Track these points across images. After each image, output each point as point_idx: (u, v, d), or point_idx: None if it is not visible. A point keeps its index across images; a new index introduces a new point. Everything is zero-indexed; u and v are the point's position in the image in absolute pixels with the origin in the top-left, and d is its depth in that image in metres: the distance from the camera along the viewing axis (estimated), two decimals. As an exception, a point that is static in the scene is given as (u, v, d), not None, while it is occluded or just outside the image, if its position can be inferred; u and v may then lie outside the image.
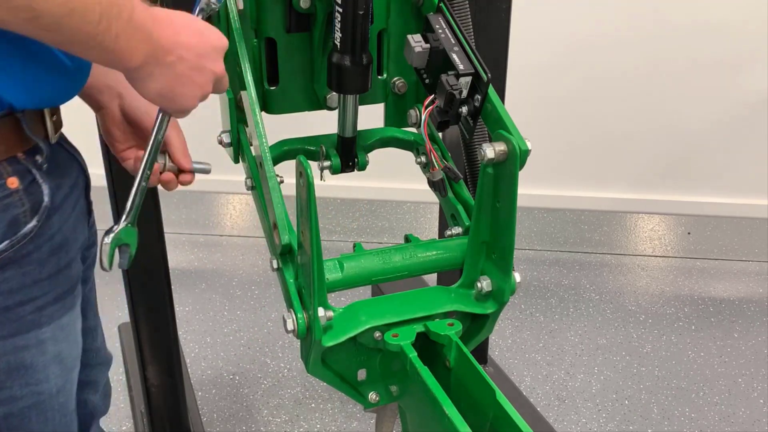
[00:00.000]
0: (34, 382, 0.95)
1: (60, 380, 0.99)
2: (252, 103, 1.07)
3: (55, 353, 0.96)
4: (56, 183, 0.93)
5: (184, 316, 2.43)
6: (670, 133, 2.57)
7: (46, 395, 0.97)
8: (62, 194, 0.94)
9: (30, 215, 0.88)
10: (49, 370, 0.96)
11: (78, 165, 1.04)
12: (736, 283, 2.69)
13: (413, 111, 1.25)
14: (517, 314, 2.48)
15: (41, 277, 0.91)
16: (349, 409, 2.09)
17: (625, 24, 2.39)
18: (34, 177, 0.89)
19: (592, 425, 2.07)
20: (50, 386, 0.97)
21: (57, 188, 0.93)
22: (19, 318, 0.90)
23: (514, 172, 0.99)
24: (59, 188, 0.93)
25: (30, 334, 0.92)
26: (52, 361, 0.96)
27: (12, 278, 0.88)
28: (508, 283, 1.07)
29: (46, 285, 0.92)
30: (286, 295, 1.09)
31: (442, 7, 1.12)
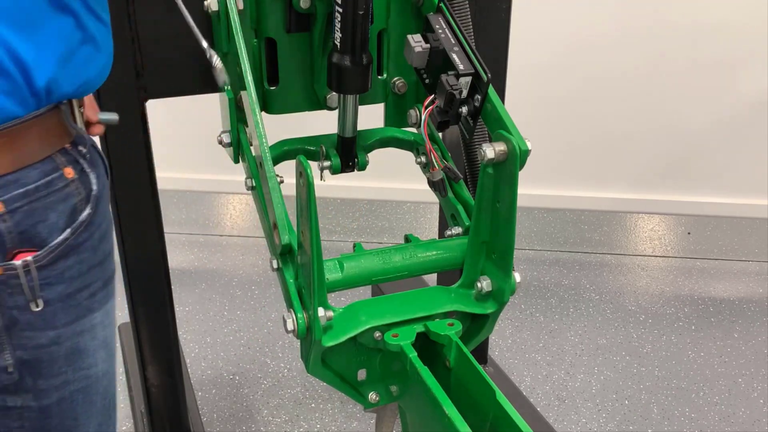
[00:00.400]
0: (85, 367, 0.97)
1: (105, 364, 1.02)
2: (252, 103, 1.07)
3: (103, 337, 0.99)
4: (97, 172, 0.96)
5: (184, 316, 2.43)
6: (670, 133, 2.57)
7: (94, 379, 1.00)
8: (102, 183, 0.97)
9: (85, 203, 0.91)
10: (98, 354, 0.99)
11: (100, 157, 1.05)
12: (736, 283, 2.69)
13: (413, 111, 1.25)
14: (517, 314, 2.48)
15: (94, 263, 0.94)
16: (349, 409, 2.09)
17: (625, 24, 2.39)
18: (83, 167, 0.92)
19: (592, 425, 2.07)
20: (98, 370, 1.00)
21: (98, 177, 0.96)
22: (78, 304, 0.93)
23: (514, 172, 0.99)
24: (99, 177, 0.96)
25: (85, 320, 0.95)
26: (100, 346, 0.99)
27: (73, 266, 0.91)
28: (508, 283, 1.07)
29: (97, 271, 0.95)
30: (286, 295, 1.09)
31: (442, 7, 1.12)
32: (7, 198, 0.82)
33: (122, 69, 1.33)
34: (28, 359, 0.90)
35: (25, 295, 0.86)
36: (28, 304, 0.87)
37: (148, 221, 1.54)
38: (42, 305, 0.88)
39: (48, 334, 0.90)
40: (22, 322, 0.87)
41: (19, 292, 0.86)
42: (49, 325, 0.90)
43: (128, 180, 1.49)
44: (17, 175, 0.83)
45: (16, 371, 0.89)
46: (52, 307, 0.89)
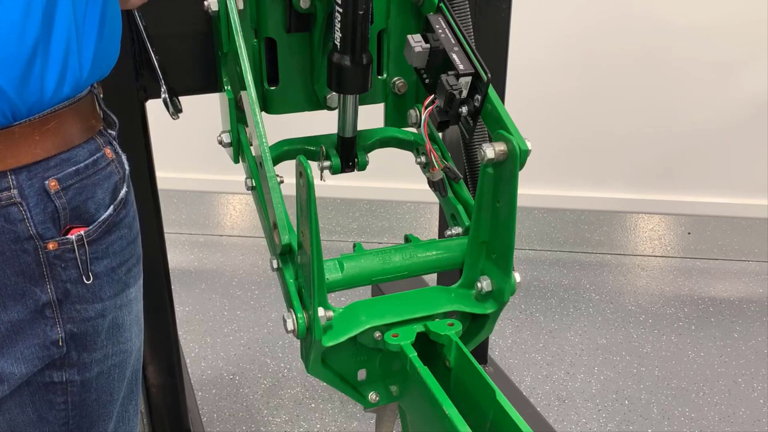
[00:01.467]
0: (123, 341, 1.00)
1: (138, 340, 1.05)
2: (252, 103, 1.07)
3: (136, 312, 1.03)
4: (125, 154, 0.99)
5: (184, 316, 2.43)
6: (670, 133, 2.57)
7: (128, 353, 1.02)
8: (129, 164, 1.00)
9: (122, 182, 0.96)
10: (132, 329, 1.02)
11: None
12: (736, 283, 2.69)
13: (413, 111, 1.25)
14: (517, 314, 2.48)
15: (130, 239, 0.98)
16: (349, 409, 2.09)
17: (625, 24, 2.39)
18: (116, 148, 0.96)
19: (592, 425, 2.07)
20: (132, 345, 1.02)
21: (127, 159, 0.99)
22: (119, 279, 0.96)
23: (514, 172, 0.99)
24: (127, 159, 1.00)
25: (124, 294, 0.98)
26: (134, 321, 1.02)
27: (115, 241, 0.94)
28: (508, 283, 1.07)
29: (133, 248, 0.99)
30: (286, 295, 1.09)
31: (442, 7, 1.12)
32: (61, 176, 0.86)
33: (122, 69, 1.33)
34: (76, 332, 0.93)
35: (79, 268, 0.90)
36: (81, 277, 0.91)
37: (148, 221, 1.54)
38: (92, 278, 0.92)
39: (96, 307, 0.94)
40: (73, 295, 0.91)
41: (74, 265, 0.89)
42: (96, 298, 0.93)
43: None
44: (69, 154, 0.87)
45: (65, 345, 0.92)
46: (99, 281, 0.93)
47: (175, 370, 1.74)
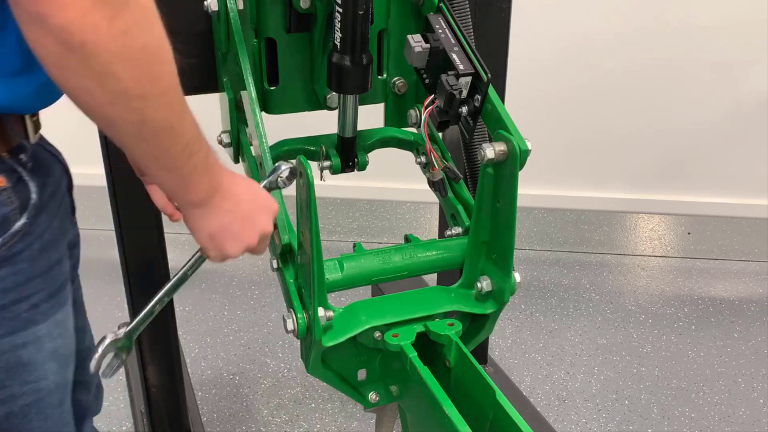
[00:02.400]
0: (33, 380, 0.95)
1: (57, 376, 0.99)
2: (252, 103, 1.07)
3: (52, 350, 0.97)
4: (41, 181, 0.94)
5: (184, 316, 2.43)
6: (670, 133, 2.57)
7: (45, 392, 0.98)
8: (48, 192, 0.95)
9: (19, 213, 0.89)
10: (47, 366, 0.97)
11: (60, 165, 1.04)
12: (736, 283, 2.69)
13: (413, 111, 1.25)
14: (517, 314, 2.48)
15: (34, 274, 0.92)
16: (349, 409, 2.09)
17: (625, 24, 2.38)
18: (21, 175, 0.90)
19: (592, 425, 2.07)
20: (49, 383, 0.98)
21: (43, 186, 0.94)
22: (16, 316, 0.91)
23: (514, 172, 0.99)
24: (45, 186, 0.95)
25: (27, 332, 0.93)
26: (49, 358, 0.97)
27: (5, 277, 0.89)
28: (508, 283, 1.07)
29: (40, 282, 0.93)
30: (286, 295, 1.09)
31: (442, 7, 1.12)
32: None
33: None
34: None
35: None
36: None
37: (148, 221, 1.54)
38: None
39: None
40: None
41: None
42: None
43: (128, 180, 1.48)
44: None
45: None
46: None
47: (175, 370, 1.74)
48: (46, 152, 1.01)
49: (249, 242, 0.95)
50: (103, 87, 0.71)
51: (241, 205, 0.93)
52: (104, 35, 0.67)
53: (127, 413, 2.05)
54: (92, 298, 1.27)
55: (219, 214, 0.92)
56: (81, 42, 0.67)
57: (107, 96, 0.72)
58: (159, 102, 0.75)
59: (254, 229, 0.95)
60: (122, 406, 2.07)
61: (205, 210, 0.91)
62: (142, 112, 0.75)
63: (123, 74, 0.70)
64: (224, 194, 0.91)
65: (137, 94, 0.73)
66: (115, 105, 0.73)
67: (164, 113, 0.77)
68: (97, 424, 1.42)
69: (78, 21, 0.65)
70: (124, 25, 0.68)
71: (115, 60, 0.69)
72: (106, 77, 0.70)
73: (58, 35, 0.66)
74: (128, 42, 0.69)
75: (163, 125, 0.77)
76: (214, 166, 0.88)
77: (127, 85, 0.71)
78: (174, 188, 0.87)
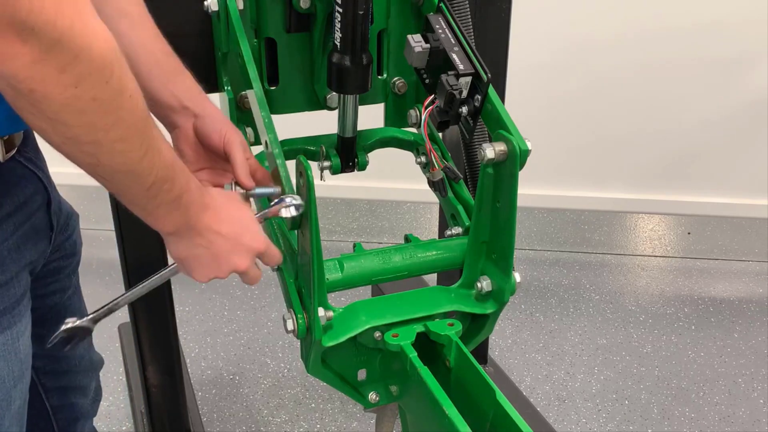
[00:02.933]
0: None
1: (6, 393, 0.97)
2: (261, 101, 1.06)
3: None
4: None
5: (184, 316, 2.43)
6: (670, 133, 2.57)
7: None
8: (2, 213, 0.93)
9: None
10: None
11: (37, 181, 1.02)
12: (736, 283, 2.69)
13: (413, 111, 1.25)
14: (517, 314, 2.48)
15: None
16: (349, 409, 2.09)
17: (625, 24, 2.38)
18: None
19: (592, 425, 2.07)
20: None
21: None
22: None
23: (514, 172, 0.99)
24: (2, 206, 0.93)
25: None
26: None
27: None
28: (508, 283, 1.07)
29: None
30: (286, 295, 1.09)
31: (442, 7, 1.12)
32: None
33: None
34: None
35: None
36: None
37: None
38: None
39: None
40: None
41: None
42: None
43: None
44: None
45: None
46: None
47: (175, 370, 1.74)
48: (21, 168, 0.99)
49: (217, 274, 0.95)
50: (55, 130, 0.70)
51: (216, 243, 0.91)
52: (52, 87, 0.66)
53: (127, 413, 2.05)
54: (92, 298, 1.27)
55: (189, 246, 0.91)
56: (29, 90, 0.66)
57: (59, 138, 0.71)
58: (113, 148, 0.74)
59: (226, 266, 0.94)
60: (122, 406, 2.07)
61: (174, 238, 0.91)
62: (96, 156, 0.74)
63: (72, 122, 0.70)
64: (199, 231, 0.90)
65: (89, 141, 0.72)
66: (68, 146, 0.72)
67: (120, 159, 0.75)
68: (97, 424, 1.43)
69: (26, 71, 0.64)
70: (73, 78, 0.67)
71: (63, 109, 0.68)
72: (56, 123, 0.69)
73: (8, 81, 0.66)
74: (78, 94, 0.68)
75: (119, 169, 0.77)
76: (190, 206, 0.87)
77: (77, 132, 0.71)
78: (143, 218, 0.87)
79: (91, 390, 1.33)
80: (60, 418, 1.25)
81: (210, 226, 0.90)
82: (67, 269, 1.16)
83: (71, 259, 1.17)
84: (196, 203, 0.87)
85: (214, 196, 0.91)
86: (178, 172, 0.83)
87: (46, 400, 1.22)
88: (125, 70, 0.72)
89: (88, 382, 1.31)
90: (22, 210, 0.98)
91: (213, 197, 0.91)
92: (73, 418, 1.28)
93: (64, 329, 0.96)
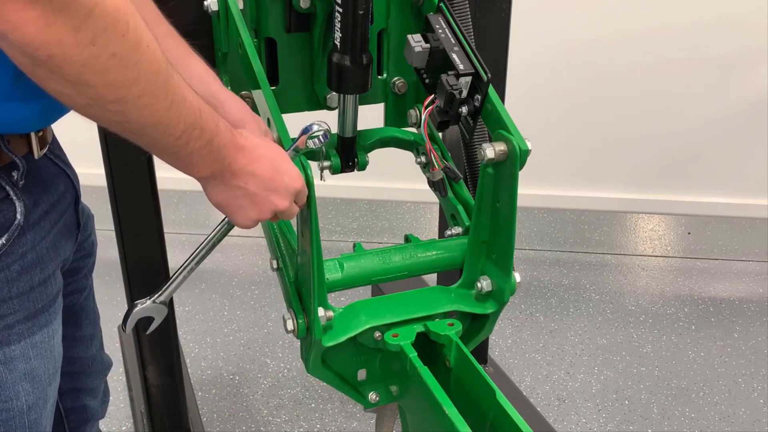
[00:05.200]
0: (2, 399, 0.94)
1: (32, 397, 0.97)
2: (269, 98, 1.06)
3: (26, 371, 0.95)
4: (33, 200, 0.92)
5: (184, 316, 2.43)
6: (670, 133, 2.57)
7: (16, 412, 0.95)
8: (40, 211, 0.93)
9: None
10: (18, 387, 0.95)
11: (67, 178, 1.03)
12: (736, 283, 2.69)
13: (413, 111, 1.25)
14: (517, 314, 2.48)
15: (9, 295, 0.90)
16: (349, 409, 2.09)
17: (626, 24, 2.38)
18: (8, 194, 0.88)
19: (592, 425, 2.07)
20: (20, 403, 0.96)
21: (34, 205, 0.92)
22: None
23: (514, 172, 0.99)
24: (37, 205, 0.93)
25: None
26: (22, 379, 0.95)
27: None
28: (508, 283, 1.07)
29: (16, 303, 0.92)
30: (286, 295, 1.09)
31: (442, 7, 1.12)
32: None
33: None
34: None
35: None
36: None
37: (148, 221, 1.54)
38: None
39: None
40: None
41: None
42: None
43: (128, 180, 1.49)
44: None
45: None
46: None
47: (175, 370, 1.74)
48: (53, 166, 0.99)
49: (259, 216, 0.93)
50: (78, 93, 0.70)
51: (252, 184, 0.90)
52: (69, 47, 0.65)
53: (127, 413, 2.05)
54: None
55: (226, 189, 0.89)
56: (47, 56, 0.65)
57: (84, 100, 0.71)
58: (139, 103, 0.73)
59: (266, 206, 0.92)
60: (122, 406, 2.07)
61: (212, 183, 0.89)
62: (123, 114, 0.73)
63: (95, 82, 0.69)
64: (234, 173, 0.88)
65: (114, 99, 0.71)
66: (94, 107, 0.72)
67: (147, 112, 0.75)
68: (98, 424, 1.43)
69: (40, 36, 0.63)
70: (89, 36, 0.65)
71: (84, 70, 0.67)
72: (79, 86, 0.69)
73: (22, 50, 0.65)
74: (96, 51, 0.67)
75: (148, 122, 0.76)
76: (222, 149, 0.85)
77: (102, 92, 0.70)
78: (178, 168, 0.86)
79: (101, 392, 1.33)
80: (72, 420, 1.25)
81: (245, 168, 0.89)
82: (84, 269, 1.16)
83: (89, 260, 1.17)
84: (228, 145, 0.86)
85: (246, 137, 0.90)
86: (205, 116, 0.82)
87: (60, 402, 1.22)
88: (139, 20, 0.71)
89: (98, 384, 1.31)
90: (56, 208, 0.98)
91: (246, 138, 0.90)
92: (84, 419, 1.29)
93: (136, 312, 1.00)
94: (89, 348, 1.23)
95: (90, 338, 1.23)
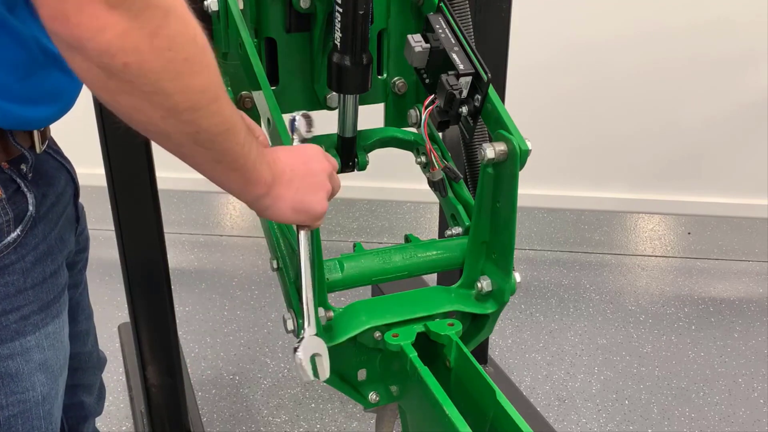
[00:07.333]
0: (19, 391, 0.94)
1: (46, 388, 0.98)
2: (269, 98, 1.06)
3: (41, 361, 0.96)
4: (42, 192, 0.93)
5: (184, 316, 2.43)
6: (671, 133, 2.57)
7: (32, 403, 0.96)
8: (48, 203, 0.94)
9: (14, 225, 0.88)
10: (34, 377, 0.96)
11: (66, 173, 1.03)
12: (736, 283, 2.69)
13: (413, 111, 1.25)
14: (517, 314, 2.48)
15: (25, 286, 0.91)
16: (349, 409, 2.09)
17: (625, 24, 2.39)
18: (19, 186, 0.89)
19: (592, 425, 2.07)
20: (36, 394, 0.97)
21: (43, 197, 0.93)
22: (3, 327, 0.90)
23: (514, 172, 0.99)
24: (45, 197, 0.93)
25: (15, 343, 0.92)
26: (37, 369, 0.96)
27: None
28: (508, 283, 1.07)
29: (31, 294, 0.92)
30: (286, 295, 1.09)
31: (442, 7, 1.12)
32: None
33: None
34: None
35: None
36: None
37: (148, 221, 1.54)
38: None
39: None
40: None
41: None
42: None
43: (128, 180, 1.49)
44: None
45: None
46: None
47: (175, 370, 1.74)
48: (53, 160, 1.00)
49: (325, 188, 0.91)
50: (153, 104, 0.68)
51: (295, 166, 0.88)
52: (146, 54, 0.64)
53: (127, 413, 2.05)
54: (92, 298, 1.27)
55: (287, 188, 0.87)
56: (123, 64, 0.64)
57: (159, 112, 0.69)
58: (211, 109, 0.72)
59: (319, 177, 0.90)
60: (122, 406, 2.07)
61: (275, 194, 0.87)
62: (196, 122, 0.72)
63: (171, 89, 0.68)
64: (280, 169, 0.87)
65: (188, 107, 0.70)
66: (168, 119, 0.70)
67: (218, 119, 0.74)
68: (97, 424, 1.43)
69: (117, 43, 0.62)
70: (166, 41, 0.65)
71: (160, 77, 0.66)
72: (153, 95, 0.67)
73: (98, 60, 0.63)
74: (172, 56, 0.66)
75: (219, 130, 0.75)
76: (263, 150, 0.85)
77: (177, 99, 0.69)
78: (241, 187, 0.84)
79: (96, 388, 1.33)
80: (70, 417, 1.26)
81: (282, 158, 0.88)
82: (80, 264, 1.17)
83: (83, 254, 1.18)
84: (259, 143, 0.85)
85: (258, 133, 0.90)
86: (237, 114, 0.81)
87: None
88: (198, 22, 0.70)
89: (94, 380, 1.32)
90: (61, 200, 0.99)
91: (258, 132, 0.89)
92: (81, 416, 1.29)
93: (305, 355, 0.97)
94: (85, 344, 1.24)
95: (86, 333, 1.23)
